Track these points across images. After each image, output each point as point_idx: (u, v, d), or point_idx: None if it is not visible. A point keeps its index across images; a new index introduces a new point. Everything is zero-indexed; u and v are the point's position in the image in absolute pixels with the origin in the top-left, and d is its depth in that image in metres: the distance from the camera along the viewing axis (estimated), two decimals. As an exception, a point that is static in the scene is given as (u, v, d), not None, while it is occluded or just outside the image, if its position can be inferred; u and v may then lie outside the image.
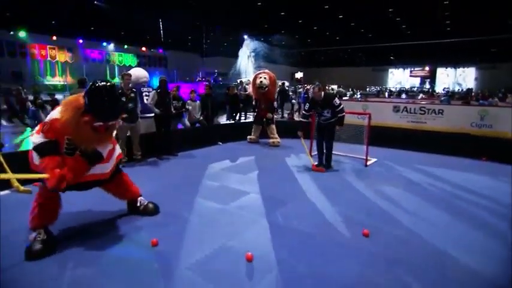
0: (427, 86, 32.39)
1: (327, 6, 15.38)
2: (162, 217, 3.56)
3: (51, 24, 16.00)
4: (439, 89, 30.90)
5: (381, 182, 4.96)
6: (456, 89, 29.99)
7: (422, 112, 8.11)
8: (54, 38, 18.10)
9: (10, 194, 4.23)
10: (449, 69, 33.13)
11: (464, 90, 28.45)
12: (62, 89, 17.48)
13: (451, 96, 17.32)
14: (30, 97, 9.52)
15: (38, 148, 2.75)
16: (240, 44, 24.11)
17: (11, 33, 16.43)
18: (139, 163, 5.85)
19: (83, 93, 2.78)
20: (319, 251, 2.88)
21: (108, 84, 2.76)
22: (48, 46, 18.67)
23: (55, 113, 2.79)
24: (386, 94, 25.19)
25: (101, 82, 2.73)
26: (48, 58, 18.81)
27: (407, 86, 33.45)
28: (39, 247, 2.69)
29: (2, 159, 4.31)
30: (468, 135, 6.90)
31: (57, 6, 13.17)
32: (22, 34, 17.01)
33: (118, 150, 3.33)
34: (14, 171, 4.31)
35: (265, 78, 7.55)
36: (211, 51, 25.54)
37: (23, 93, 8.80)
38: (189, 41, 23.54)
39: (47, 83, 18.10)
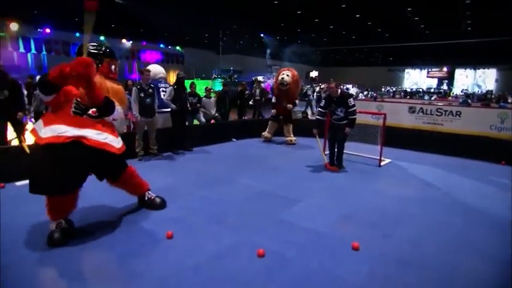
0: (444, 87, 31.62)
1: (344, 6, 15.21)
2: (176, 211, 3.64)
3: (74, 21, 16.47)
4: (457, 90, 30.13)
5: (395, 183, 4.94)
6: (476, 91, 29.19)
7: (439, 113, 7.99)
8: (77, 34, 18.69)
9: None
10: (468, 70, 32.24)
11: (483, 92, 27.67)
12: None
13: (468, 96, 16.87)
14: None
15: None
16: (255, 42, 24.16)
17: (39, 30, 17.07)
18: (155, 157, 6.00)
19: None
20: (330, 250, 2.89)
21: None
22: (71, 42, 19.32)
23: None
24: (402, 95, 24.68)
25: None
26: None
27: (424, 87, 32.80)
28: (58, 236, 2.83)
29: (27, 148, 4.51)
30: (487, 138, 6.76)
31: (81, 4, 13.56)
32: (47, 31, 17.67)
33: (121, 141, 3.23)
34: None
35: (287, 75, 7.37)
36: (227, 49, 25.66)
37: None
38: (206, 39, 23.70)
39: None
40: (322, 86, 16.28)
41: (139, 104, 5.64)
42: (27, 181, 4.34)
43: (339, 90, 5.39)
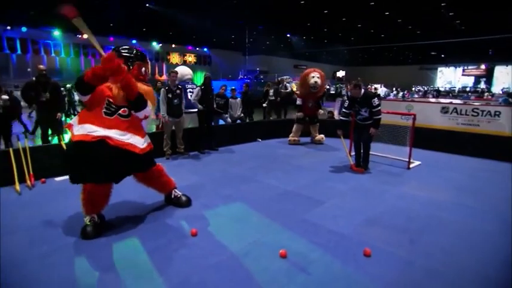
0: (482, 85, 29.81)
1: (373, 3, 14.83)
2: (201, 209, 3.73)
3: (109, 26, 17.42)
4: (497, 89, 28.32)
5: (423, 186, 4.75)
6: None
7: (475, 114, 7.57)
8: (112, 39, 19.74)
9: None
10: (510, 67, 30.20)
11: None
12: None
13: (509, 95, 15.78)
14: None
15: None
16: (281, 42, 24.14)
17: (78, 36, 18.28)
18: (182, 156, 6.18)
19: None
20: (353, 253, 2.83)
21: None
22: (105, 46, 20.56)
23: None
24: (431, 96, 23.56)
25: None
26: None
27: (458, 86, 31.17)
28: (90, 229, 3.03)
29: (64, 144, 4.81)
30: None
31: (115, 9, 14.35)
32: (85, 36, 18.90)
33: (148, 139, 3.41)
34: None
35: (318, 77, 7.36)
36: (253, 50, 25.85)
37: None
38: (232, 40, 24.02)
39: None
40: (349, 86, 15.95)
41: (167, 105, 5.83)
42: (66, 177, 4.70)
43: (362, 91, 5.27)
